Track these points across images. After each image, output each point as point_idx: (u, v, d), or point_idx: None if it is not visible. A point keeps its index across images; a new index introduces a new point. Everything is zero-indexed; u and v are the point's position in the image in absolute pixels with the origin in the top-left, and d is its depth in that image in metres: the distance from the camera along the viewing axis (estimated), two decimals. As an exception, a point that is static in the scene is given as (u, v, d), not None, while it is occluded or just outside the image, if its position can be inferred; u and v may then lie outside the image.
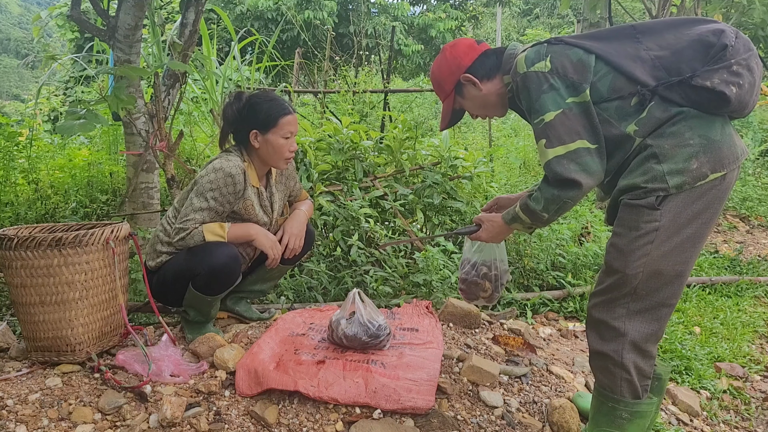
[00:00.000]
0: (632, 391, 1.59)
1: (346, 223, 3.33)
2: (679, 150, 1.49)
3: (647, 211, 1.51)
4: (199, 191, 2.16)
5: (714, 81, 1.45)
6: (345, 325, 2.10)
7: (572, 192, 1.54)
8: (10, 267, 2.00)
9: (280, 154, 2.24)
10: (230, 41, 6.52)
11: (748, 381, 2.63)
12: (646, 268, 1.52)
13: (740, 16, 5.94)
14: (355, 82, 7.00)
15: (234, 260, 2.16)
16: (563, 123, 1.53)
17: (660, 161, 1.50)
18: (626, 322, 1.57)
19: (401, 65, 15.28)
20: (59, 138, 5.04)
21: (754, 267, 4.13)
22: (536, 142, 1.60)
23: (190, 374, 2.00)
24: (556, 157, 1.53)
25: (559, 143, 1.53)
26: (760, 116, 8.60)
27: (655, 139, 1.52)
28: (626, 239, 1.54)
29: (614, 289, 1.58)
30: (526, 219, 1.66)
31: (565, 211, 1.62)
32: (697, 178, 1.48)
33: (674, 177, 1.48)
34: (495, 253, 2.03)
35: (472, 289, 2.08)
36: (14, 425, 1.67)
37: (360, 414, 1.84)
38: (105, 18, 3.05)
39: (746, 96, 1.48)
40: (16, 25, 57.33)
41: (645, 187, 1.51)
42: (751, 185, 6.31)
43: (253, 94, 2.28)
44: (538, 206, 1.60)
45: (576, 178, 1.52)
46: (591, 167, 1.53)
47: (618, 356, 1.57)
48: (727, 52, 1.44)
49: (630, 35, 1.58)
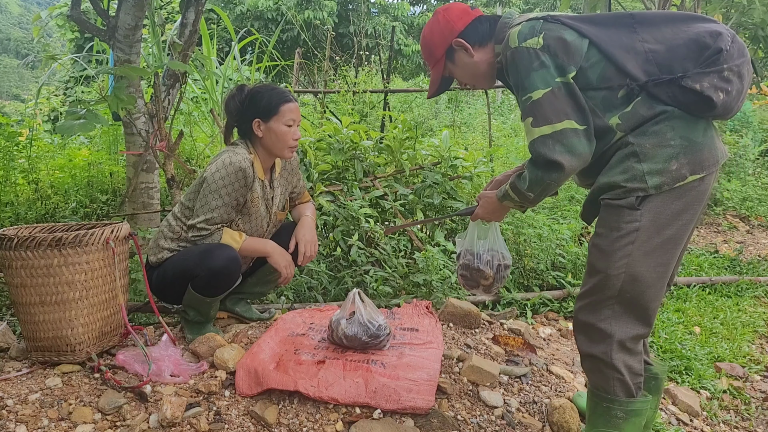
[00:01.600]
0: (625, 390, 1.59)
1: (346, 223, 3.33)
2: (660, 150, 1.48)
3: (628, 212, 1.51)
4: (213, 189, 2.16)
5: (704, 85, 1.44)
6: (345, 325, 2.10)
7: (555, 174, 1.52)
8: (10, 267, 2.00)
9: (284, 142, 2.24)
10: (230, 41, 6.52)
11: (748, 381, 2.63)
12: (628, 269, 1.52)
13: (740, 16, 5.94)
14: (355, 82, 6.99)
15: (234, 262, 2.16)
16: (551, 102, 1.50)
17: (640, 160, 1.49)
18: (612, 323, 1.56)
19: (401, 65, 15.29)
20: (59, 138, 5.04)
21: (754, 267, 4.13)
22: (522, 120, 1.57)
23: (190, 374, 2.00)
24: (542, 137, 1.51)
25: (545, 122, 1.50)
26: (760, 116, 8.60)
27: (637, 137, 1.51)
28: (608, 240, 1.54)
29: (598, 291, 1.57)
30: (515, 197, 1.65)
31: (549, 193, 1.60)
32: (676, 179, 1.48)
33: (654, 177, 1.48)
34: (497, 245, 1.99)
35: (473, 275, 2.00)
36: (14, 425, 1.67)
37: (360, 414, 1.84)
38: (105, 18, 3.05)
39: (732, 102, 1.48)
40: (16, 25, 57.33)
41: (624, 186, 1.50)
42: (751, 185, 6.31)
43: (254, 86, 2.31)
44: (523, 186, 1.59)
45: (559, 160, 1.49)
46: (577, 148, 1.49)
47: (608, 357, 1.57)
48: (721, 56, 1.44)
49: (627, 24, 1.55)
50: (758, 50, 6.45)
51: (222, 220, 2.19)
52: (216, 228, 2.19)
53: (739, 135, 7.11)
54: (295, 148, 2.30)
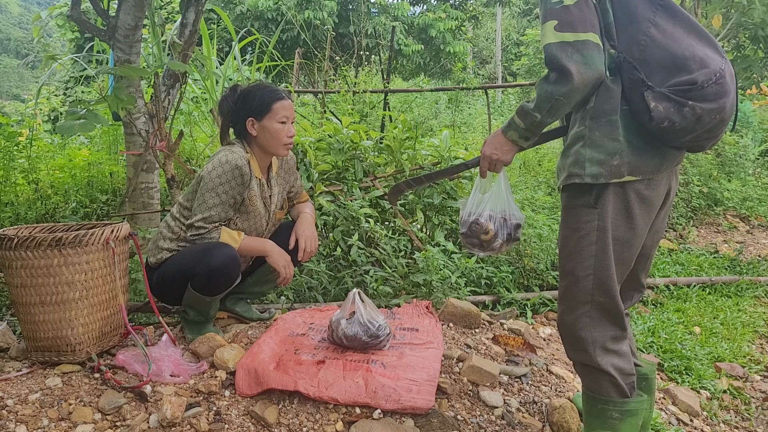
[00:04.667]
0: (618, 391, 1.60)
1: (346, 223, 3.33)
2: (607, 143, 1.48)
3: (585, 211, 1.53)
4: (209, 187, 2.17)
5: (659, 106, 1.41)
6: (345, 325, 2.10)
7: (565, 87, 1.43)
8: (10, 267, 2.00)
9: (278, 140, 2.25)
10: (230, 41, 6.52)
11: (748, 381, 2.63)
12: (596, 272, 1.55)
13: (740, 16, 5.95)
14: (355, 82, 6.99)
15: (233, 261, 2.16)
16: (581, 10, 1.44)
17: (585, 145, 1.50)
18: (592, 330, 1.59)
19: (401, 65, 15.29)
20: (59, 138, 5.04)
21: (754, 267, 4.13)
22: (542, 23, 1.48)
23: (190, 374, 2.00)
24: (562, 42, 1.43)
25: (570, 29, 1.43)
26: (760, 116, 8.60)
27: (591, 121, 1.50)
28: (572, 240, 1.57)
29: (571, 294, 1.60)
30: (520, 123, 1.56)
31: (557, 112, 1.50)
32: (613, 175, 1.48)
33: (593, 166, 1.48)
34: (504, 201, 1.84)
35: (473, 230, 1.83)
36: (14, 425, 1.67)
37: (360, 414, 1.84)
38: (105, 18, 3.05)
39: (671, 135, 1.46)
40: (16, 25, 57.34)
41: (569, 171, 1.53)
42: (751, 185, 6.31)
43: (247, 86, 2.32)
44: (531, 105, 1.51)
45: (572, 69, 1.41)
46: (595, 62, 1.42)
47: (594, 363, 1.59)
48: (691, 90, 1.39)
49: (653, 1, 1.50)
50: (758, 50, 6.45)
51: (220, 218, 2.19)
52: (214, 226, 2.19)
53: (739, 135, 7.11)
54: (291, 145, 2.30)
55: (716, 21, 5.74)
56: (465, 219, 1.85)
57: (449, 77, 15.08)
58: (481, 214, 1.82)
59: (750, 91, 8.16)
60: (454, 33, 15.11)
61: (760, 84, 7.91)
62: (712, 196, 5.84)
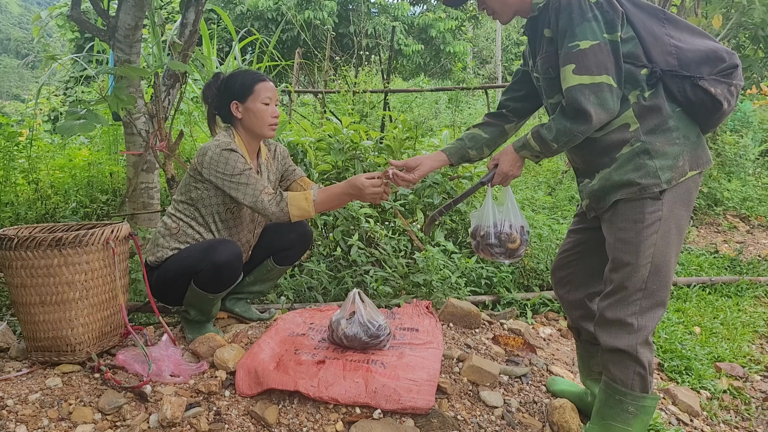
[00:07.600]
0: (642, 384, 1.66)
1: (346, 223, 3.33)
2: (669, 148, 1.62)
3: (650, 202, 1.61)
4: (229, 177, 2.14)
5: (717, 90, 1.59)
6: (345, 325, 2.10)
7: (584, 126, 1.59)
8: (10, 267, 2.00)
9: (263, 120, 2.26)
10: (230, 41, 6.52)
11: (748, 381, 2.63)
12: (654, 260, 1.62)
13: (740, 16, 5.94)
14: (355, 82, 6.99)
15: (237, 258, 2.17)
16: (596, 54, 1.57)
17: (652, 157, 1.61)
18: (639, 318, 1.64)
19: (401, 65, 15.29)
20: (59, 138, 5.05)
21: (754, 267, 4.12)
22: (561, 66, 1.63)
23: (190, 374, 2.00)
24: (580, 85, 1.58)
25: (586, 72, 1.57)
26: (761, 116, 8.60)
27: (648, 136, 1.63)
28: (633, 231, 1.63)
29: (625, 286, 1.65)
30: (536, 146, 1.71)
31: (571, 144, 1.66)
32: (681, 175, 1.62)
33: (666, 172, 1.60)
34: (515, 210, 1.94)
35: (502, 240, 1.92)
36: (14, 425, 1.67)
37: (360, 414, 1.84)
38: (105, 18, 3.05)
39: (722, 118, 1.66)
40: (16, 25, 57.36)
41: (640, 183, 1.61)
42: (751, 185, 6.30)
43: (229, 72, 2.35)
44: (549, 135, 1.66)
45: (590, 111, 1.56)
46: (608, 103, 1.58)
47: (633, 351, 1.64)
48: (735, 72, 1.60)
49: (659, 17, 1.66)
50: (758, 50, 6.45)
51: (264, 183, 2.18)
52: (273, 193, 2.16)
53: (740, 135, 7.11)
54: (276, 125, 2.32)
55: (716, 21, 5.73)
56: (488, 231, 1.93)
57: (449, 77, 15.10)
58: (503, 224, 1.93)
59: (750, 91, 8.16)
60: (454, 33, 15.13)
61: (760, 84, 7.90)
62: (712, 196, 5.84)
